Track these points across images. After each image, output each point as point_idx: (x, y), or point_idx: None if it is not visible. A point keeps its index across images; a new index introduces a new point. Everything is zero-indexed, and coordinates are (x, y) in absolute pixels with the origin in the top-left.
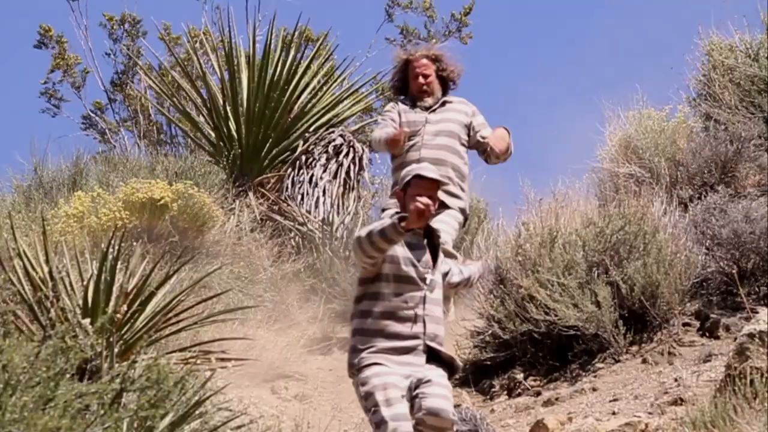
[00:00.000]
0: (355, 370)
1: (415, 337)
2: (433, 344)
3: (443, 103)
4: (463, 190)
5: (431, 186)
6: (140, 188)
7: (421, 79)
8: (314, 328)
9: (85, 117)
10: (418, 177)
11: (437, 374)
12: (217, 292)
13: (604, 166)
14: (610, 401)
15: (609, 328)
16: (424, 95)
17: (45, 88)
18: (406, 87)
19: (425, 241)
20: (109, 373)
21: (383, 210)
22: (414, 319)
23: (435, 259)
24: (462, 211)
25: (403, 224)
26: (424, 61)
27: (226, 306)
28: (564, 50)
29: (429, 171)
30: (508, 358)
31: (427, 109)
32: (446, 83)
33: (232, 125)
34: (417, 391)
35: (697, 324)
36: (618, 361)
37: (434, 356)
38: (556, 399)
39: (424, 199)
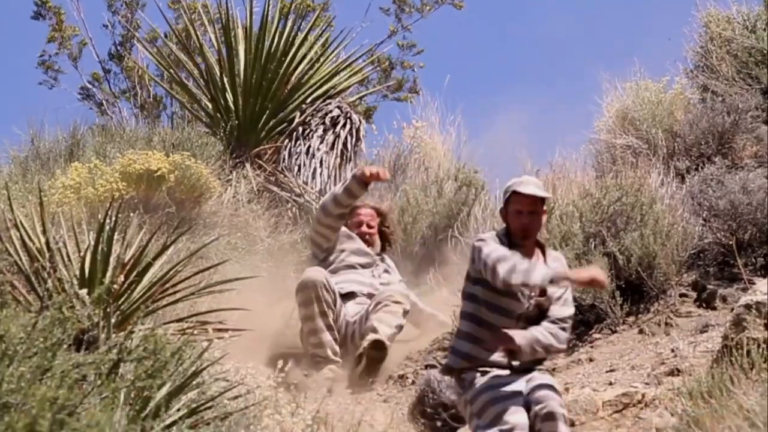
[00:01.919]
0: None
1: None
2: None
3: (381, 257)
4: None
5: (532, 202)
6: (137, 159)
7: (364, 228)
8: None
9: (82, 88)
10: (516, 193)
11: None
12: (214, 262)
13: (602, 138)
14: (607, 372)
15: (606, 298)
16: (365, 243)
17: (42, 60)
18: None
19: None
20: (107, 343)
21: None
22: None
23: None
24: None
25: None
26: (371, 210)
27: (223, 277)
28: (560, 21)
29: (528, 187)
30: None
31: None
32: (385, 240)
33: (229, 97)
34: None
35: (694, 295)
36: (615, 332)
37: None
38: (553, 369)
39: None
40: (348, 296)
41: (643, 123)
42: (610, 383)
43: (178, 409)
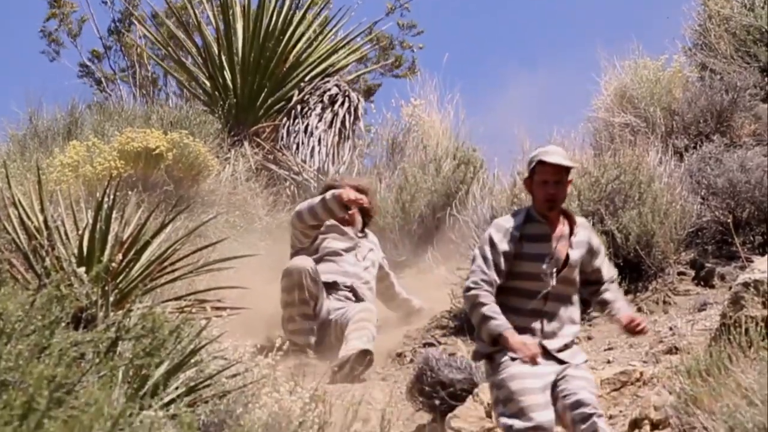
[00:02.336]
0: None
1: None
2: None
3: (363, 233)
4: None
5: (557, 171)
6: (135, 137)
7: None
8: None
9: (81, 65)
10: (542, 163)
11: None
12: (212, 241)
13: (600, 116)
14: (605, 350)
15: None
16: (346, 224)
17: (44, 32)
18: None
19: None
20: (105, 321)
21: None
22: None
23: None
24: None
25: None
26: (351, 190)
27: (222, 255)
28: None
29: (554, 156)
30: None
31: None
32: (366, 216)
33: (228, 75)
34: None
35: (692, 273)
36: None
37: None
38: None
39: None
40: (331, 286)
41: (641, 101)
42: (608, 361)
43: (177, 387)
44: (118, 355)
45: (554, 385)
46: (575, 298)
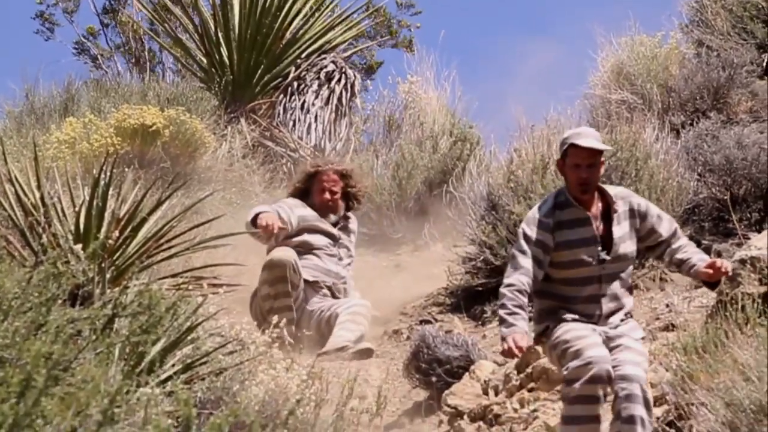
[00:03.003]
0: None
1: None
2: None
3: (345, 219)
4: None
5: (591, 154)
6: (132, 114)
7: (327, 195)
8: None
9: (77, 43)
10: (574, 146)
11: None
12: (208, 217)
13: (597, 93)
14: None
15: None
16: (328, 211)
17: (38, 11)
18: (307, 193)
19: None
20: (101, 298)
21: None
22: None
23: None
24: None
25: None
26: (334, 176)
27: (218, 232)
28: None
29: (587, 139)
30: (500, 284)
31: (332, 223)
32: (350, 200)
33: (224, 51)
34: None
35: None
36: None
37: None
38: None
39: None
40: (312, 284)
41: (638, 78)
42: None
43: (173, 365)
44: (115, 333)
45: (609, 348)
46: (629, 269)
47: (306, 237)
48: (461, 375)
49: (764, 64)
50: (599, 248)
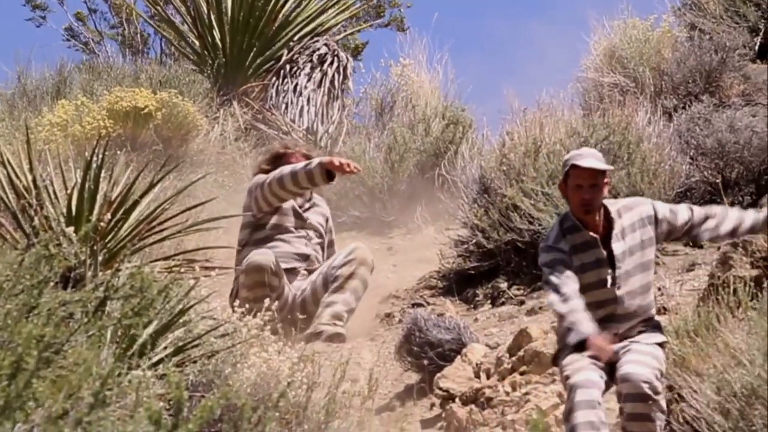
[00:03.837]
0: None
1: None
2: None
3: (310, 201)
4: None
5: (592, 175)
6: (124, 97)
7: None
8: None
9: (67, 29)
10: (575, 167)
11: None
12: (201, 200)
13: (589, 76)
14: None
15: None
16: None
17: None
18: None
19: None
20: (93, 281)
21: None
22: None
23: None
24: None
25: None
26: (302, 158)
27: (210, 215)
28: None
29: (587, 160)
30: (492, 267)
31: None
32: None
33: (217, 34)
34: None
35: None
36: None
37: None
38: (540, 308)
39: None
40: (290, 271)
41: (630, 61)
42: None
43: (165, 347)
44: (107, 315)
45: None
46: (650, 276)
47: (276, 219)
48: (453, 358)
49: (756, 47)
50: (609, 269)
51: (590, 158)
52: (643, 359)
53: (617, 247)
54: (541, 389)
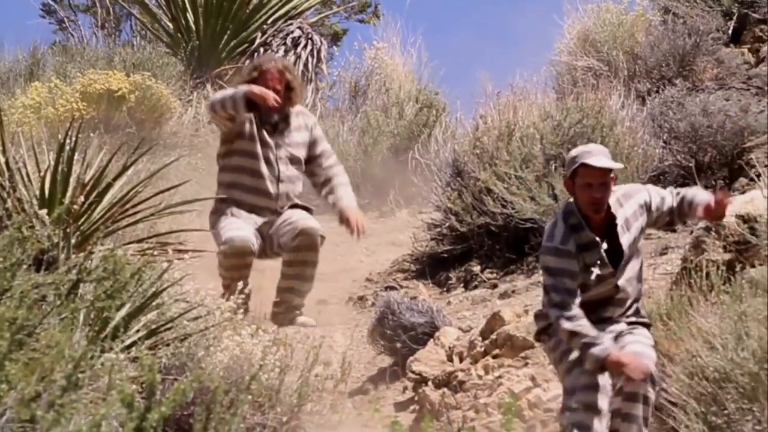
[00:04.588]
0: None
1: None
2: None
3: (286, 118)
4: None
5: (602, 173)
6: (98, 79)
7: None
8: None
9: (44, 4)
10: (585, 166)
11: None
12: (174, 183)
13: (562, 60)
14: None
15: None
16: (273, 111)
17: None
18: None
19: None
20: (66, 264)
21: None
22: None
23: None
24: None
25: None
26: (277, 74)
27: (184, 197)
28: None
29: (599, 158)
30: (465, 250)
31: (273, 123)
32: (291, 93)
33: (190, 16)
34: None
35: None
36: None
37: None
38: (513, 291)
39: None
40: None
41: (604, 45)
42: None
43: (138, 330)
44: (80, 298)
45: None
46: (641, 259)
47: (246, 145)
48: (426, 341)
49: (730, 31)
50: (611, 265)
51: (600, 156)
52: (643, 340)
53: (624, 240)
54: (513, 373)
